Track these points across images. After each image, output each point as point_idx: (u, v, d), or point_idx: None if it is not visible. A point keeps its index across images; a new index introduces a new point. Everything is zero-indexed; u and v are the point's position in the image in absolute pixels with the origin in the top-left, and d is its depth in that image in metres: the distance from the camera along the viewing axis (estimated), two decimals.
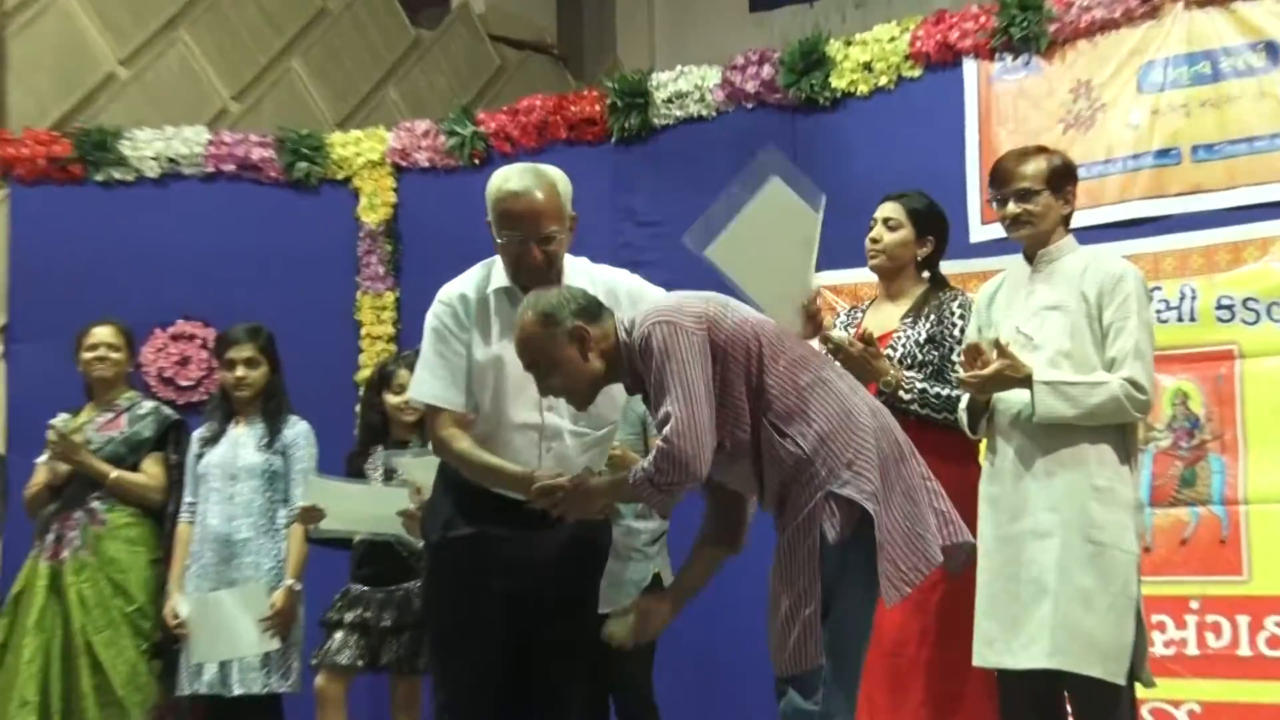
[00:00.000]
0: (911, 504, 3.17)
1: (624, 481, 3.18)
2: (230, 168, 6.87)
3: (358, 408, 5.49)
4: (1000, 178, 3.95)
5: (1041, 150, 3.98)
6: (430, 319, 3.59)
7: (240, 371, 5.15)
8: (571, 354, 3.20)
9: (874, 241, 4.25)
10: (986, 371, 3.70)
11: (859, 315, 4.36)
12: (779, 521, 3.21)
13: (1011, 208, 3.88)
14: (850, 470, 3.09)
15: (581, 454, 3.55)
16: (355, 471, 5.00)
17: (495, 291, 3.54)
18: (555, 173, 3.55)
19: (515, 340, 3.29)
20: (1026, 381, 3.70)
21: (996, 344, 3.75)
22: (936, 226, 4.26)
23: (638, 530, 4.41)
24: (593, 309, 3.25)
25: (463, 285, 3.59)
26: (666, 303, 3.28)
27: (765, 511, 3.30)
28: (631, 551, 4.38)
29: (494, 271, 3.58)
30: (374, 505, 4.63)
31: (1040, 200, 3.86)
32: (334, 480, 4.79)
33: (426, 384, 3.56)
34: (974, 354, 3.74)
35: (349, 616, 4.83)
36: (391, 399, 4.94)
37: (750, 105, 6.10)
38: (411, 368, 4.92)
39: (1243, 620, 4.71)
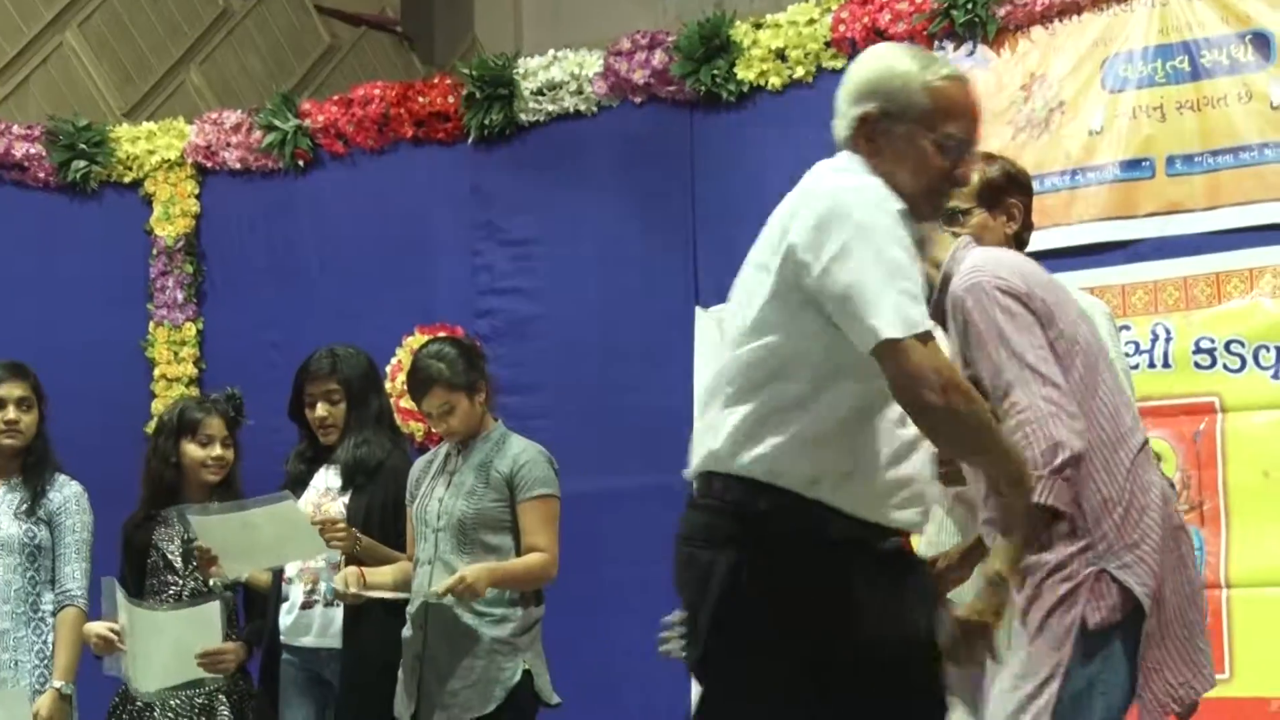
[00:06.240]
0: (1196, 612, 3.28)
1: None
2: None
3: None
4: None
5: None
6: (870, 209, 2.89)
7: (11, 414, 5.07)
8: None
9: None
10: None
11: None
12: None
13: None
14: (1133, 554, 3.18)
15: None
16: (141, 545, 4.92)
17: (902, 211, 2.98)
18: None
19: None
20: None
21: None
22: None
23: (503, 618, 4.43)
24: None
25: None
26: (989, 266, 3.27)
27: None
28: (497, 645, 4.41)
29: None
30: (271, 527, 4.60)
31: (971, 220, 3.91)
32: (215, 515, 4.69)
33: (906, 307, 2.81)
34: None
35: None
36: (195, 451, 4.91)
37: (638, 99, 6.15)
38: (227, 414, 4.96)
39: None
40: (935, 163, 3.01)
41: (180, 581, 4.84)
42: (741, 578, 2.84)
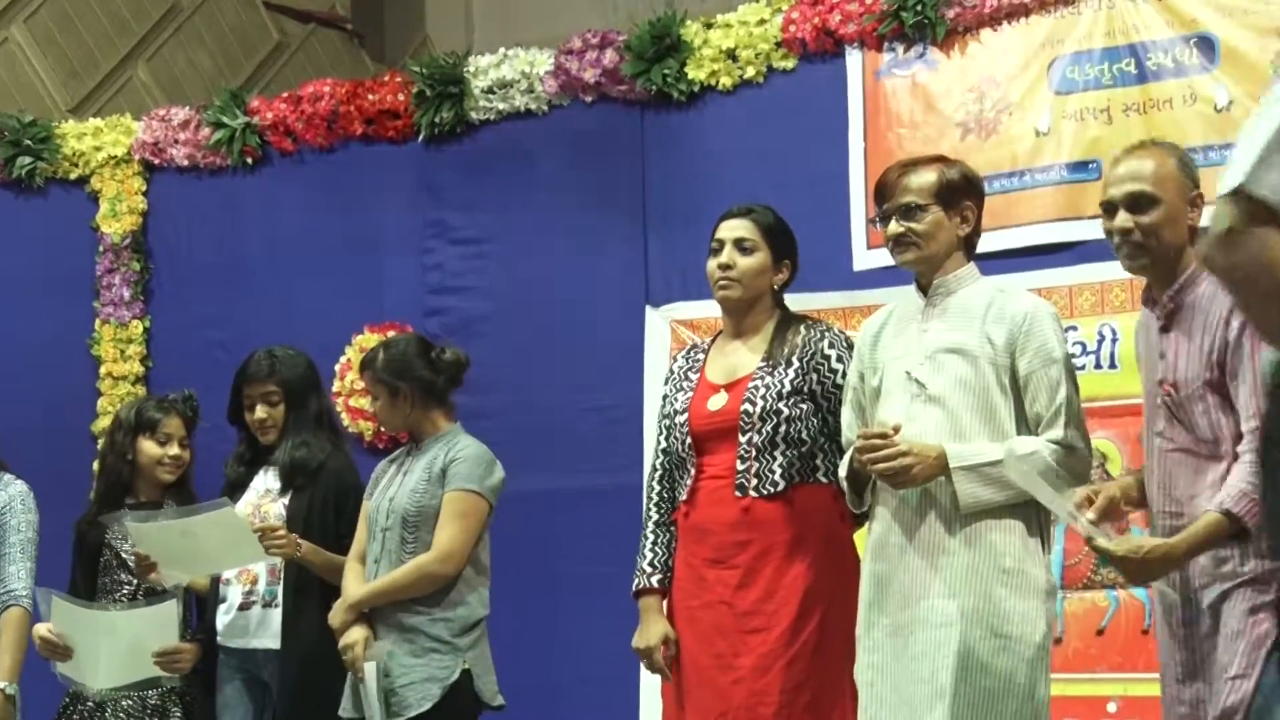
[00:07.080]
0: None
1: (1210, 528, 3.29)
2: None
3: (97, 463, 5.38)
4: (883, 192, 4.05)
5: (936, 160, 4.09)
6: None
7: None
8: (1180, 207, 3.51)
9: (725, 268, 4.28)
10: (891, 466, 3.77)
11: (700, 357, 4.39)
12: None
13: (894, 226, 3.98)
14: None
15: None
16: (95, 543, 4.90)
17: None
18: None
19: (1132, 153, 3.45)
20: (942, 468, 3.77)
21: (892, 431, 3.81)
22: (792, 247, 4.34)
23: (443, 618, 4.43)
24: None
25: None
26: None
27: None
28: (435, 644, 4.42)
29: None
30: (211, 535, 4.58)
31: (927, 218, 3.95)
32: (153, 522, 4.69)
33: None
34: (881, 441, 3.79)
35: None
36: (153, 449, 4.90)
37: (589, 98, 6.16)
38: (185, 414, 4.95)
39: None
40: None
41: (134, 580, 4.82)
42: None
